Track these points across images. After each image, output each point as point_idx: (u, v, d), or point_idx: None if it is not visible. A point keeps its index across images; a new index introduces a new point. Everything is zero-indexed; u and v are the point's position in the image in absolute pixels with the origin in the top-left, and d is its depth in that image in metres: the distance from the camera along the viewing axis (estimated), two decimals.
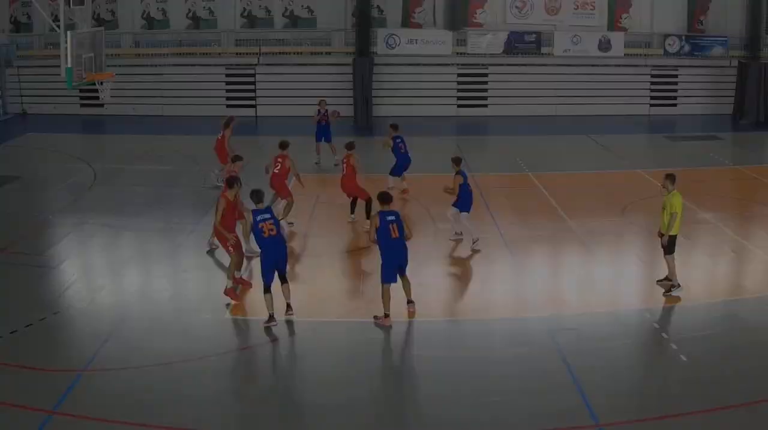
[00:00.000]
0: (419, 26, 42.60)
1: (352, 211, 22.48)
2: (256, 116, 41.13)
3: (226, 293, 16.96)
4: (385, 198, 16.09)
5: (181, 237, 21.38)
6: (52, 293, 17.51)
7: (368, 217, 21.03)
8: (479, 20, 42.64)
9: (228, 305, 16.80)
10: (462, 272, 19.44)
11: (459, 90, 42.66)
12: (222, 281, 17.46)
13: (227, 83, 42.30)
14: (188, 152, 32.02)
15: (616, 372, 13.95)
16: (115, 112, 40.04)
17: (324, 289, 18.20)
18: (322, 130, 30.16)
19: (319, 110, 30.22)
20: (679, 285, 17.21)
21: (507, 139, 37.03)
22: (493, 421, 12.57)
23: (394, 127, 26.20)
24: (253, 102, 41.96)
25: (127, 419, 12.32)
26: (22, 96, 42.27)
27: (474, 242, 20.26)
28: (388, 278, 15.79)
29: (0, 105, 41.14)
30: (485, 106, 42.74)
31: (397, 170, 25.79)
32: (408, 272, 16.14)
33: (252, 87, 42.18)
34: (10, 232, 21.72)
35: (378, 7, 42.16)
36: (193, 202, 24.50)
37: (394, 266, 15.82)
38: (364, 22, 39.83)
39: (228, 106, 41.55)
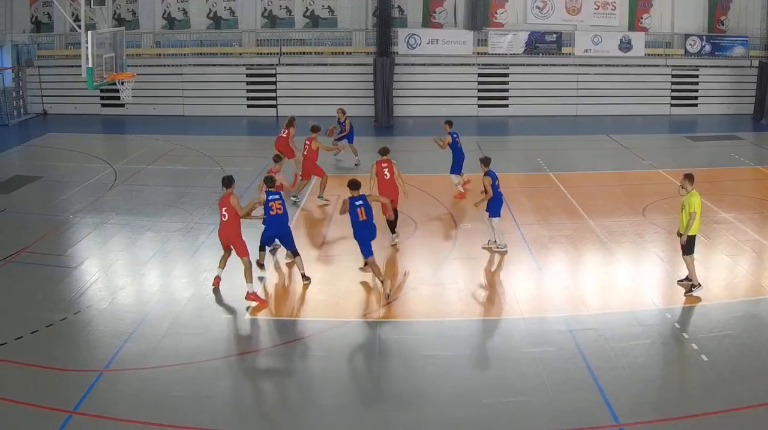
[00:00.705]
0: (440, 26, 42.63)
1: (393, 230, 21.11)
2: (277, 116, 41.17)
3: (248, 297, 16.95)
4: (354, 185, 17.60)
5: (201, 237, 21.44)
6: (73, 293, 17.59)
7: (393, 231, 20.99)
8: (500, 20, 42.59)
9: (248, 308, 16.81)
10: (482, 271, 19.38)
11: (480, 90, 42.67)
12: (241, 281, 17.47)
13: (248, 83, 42.54)
14: (209, 152, 32.18)
15: (636, 372, 13.88)
16: (136, 112, 40.33)
17: (343, 289, 18.19)
18: (347, 137, 29.96)
19: (339, 120, 29.93)
20: (699, 285, 17.13)
21: (528, 139, 37.04)
22: (513, 420, 12.58)
23: (450, 123, 26.02)
24: (273, 102, 42.09)
25: (147, 419, 12.40)
26: (43, 96, 42.66)
27: (496, 246, 20.26)
28: (366, 253, 17.62)
29: (21, 105, 41.45)
30: (506, 106, 42.74)
31: (458, 167, 25.60)
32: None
33: (273, 87, 42.32)
34: (31, 232, 21.87)
35: (399, 6, 42.21)
36: (214, 202, 24.47)
37: (367, 242, 17.57)
38: (385, 21, 39.84)
39: (249, 106, 41.91)
